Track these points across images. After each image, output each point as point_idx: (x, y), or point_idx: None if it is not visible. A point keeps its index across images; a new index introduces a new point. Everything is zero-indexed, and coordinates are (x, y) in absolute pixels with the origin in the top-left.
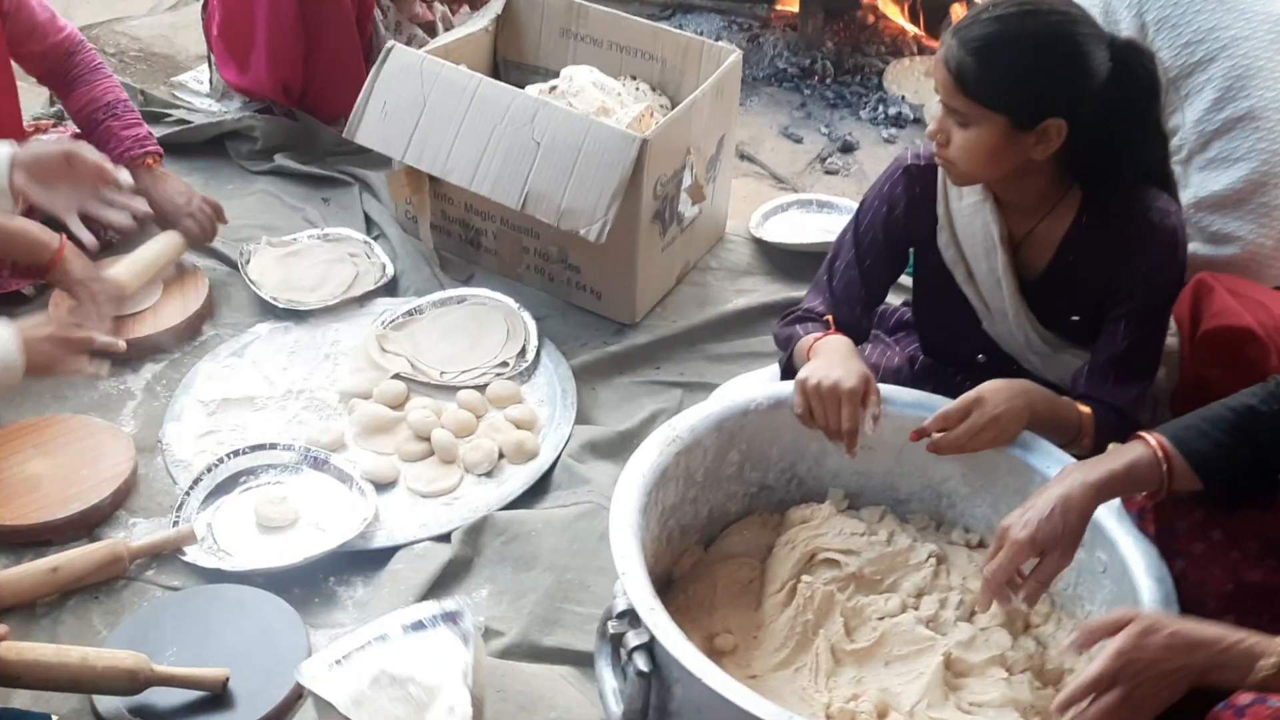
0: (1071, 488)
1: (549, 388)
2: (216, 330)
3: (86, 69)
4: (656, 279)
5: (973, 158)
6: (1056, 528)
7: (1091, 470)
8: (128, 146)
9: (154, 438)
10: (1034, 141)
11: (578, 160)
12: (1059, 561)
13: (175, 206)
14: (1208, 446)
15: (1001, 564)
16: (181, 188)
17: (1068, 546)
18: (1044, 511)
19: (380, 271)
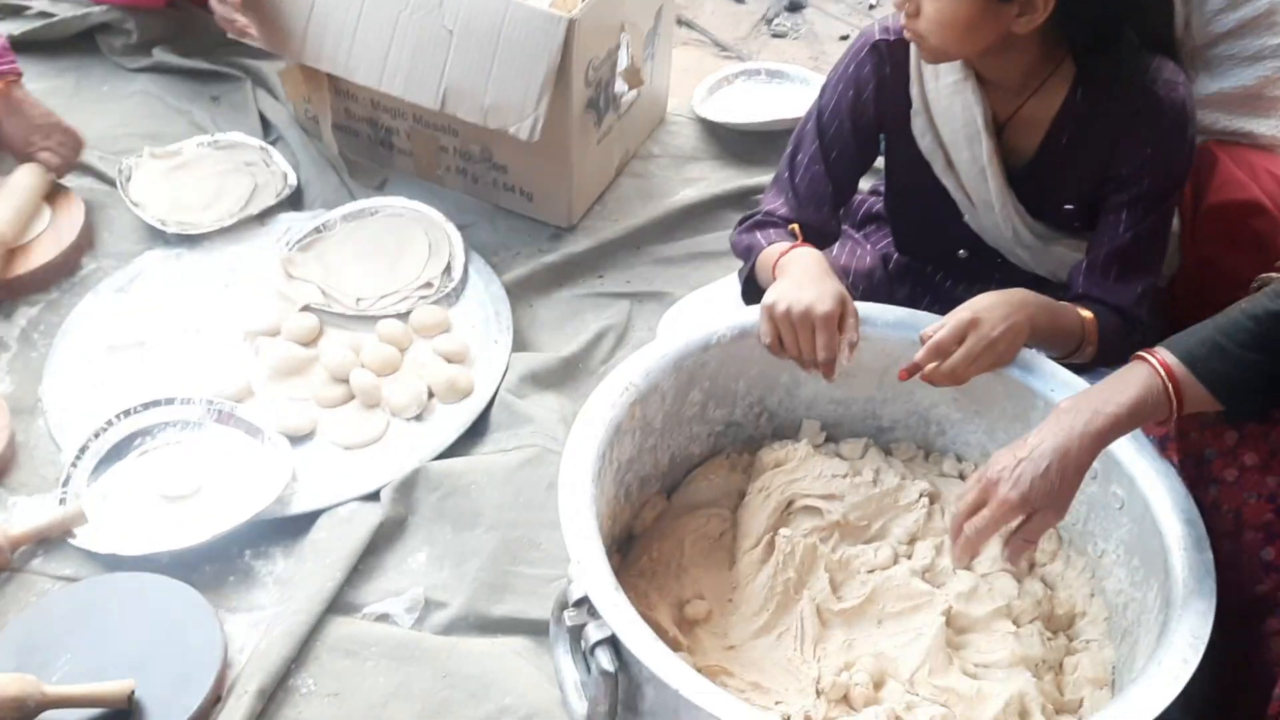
0: (1069, 439)
1: (480, 310)
2: (97, 262)
3: None
4: (593, 174)
5: (946, 31)
6: (1051, 485)
7: (1092, 415)
8: None
9: (33, 396)
10: (1016, 12)
11: (498, 48)
12: (1050, 519)
13: (29, 142)
14: (1227, 366)
15: (984, 524)
16: (38, 115)
17: (1062, 505)
18: (1038, 468)
19: (281, 182)
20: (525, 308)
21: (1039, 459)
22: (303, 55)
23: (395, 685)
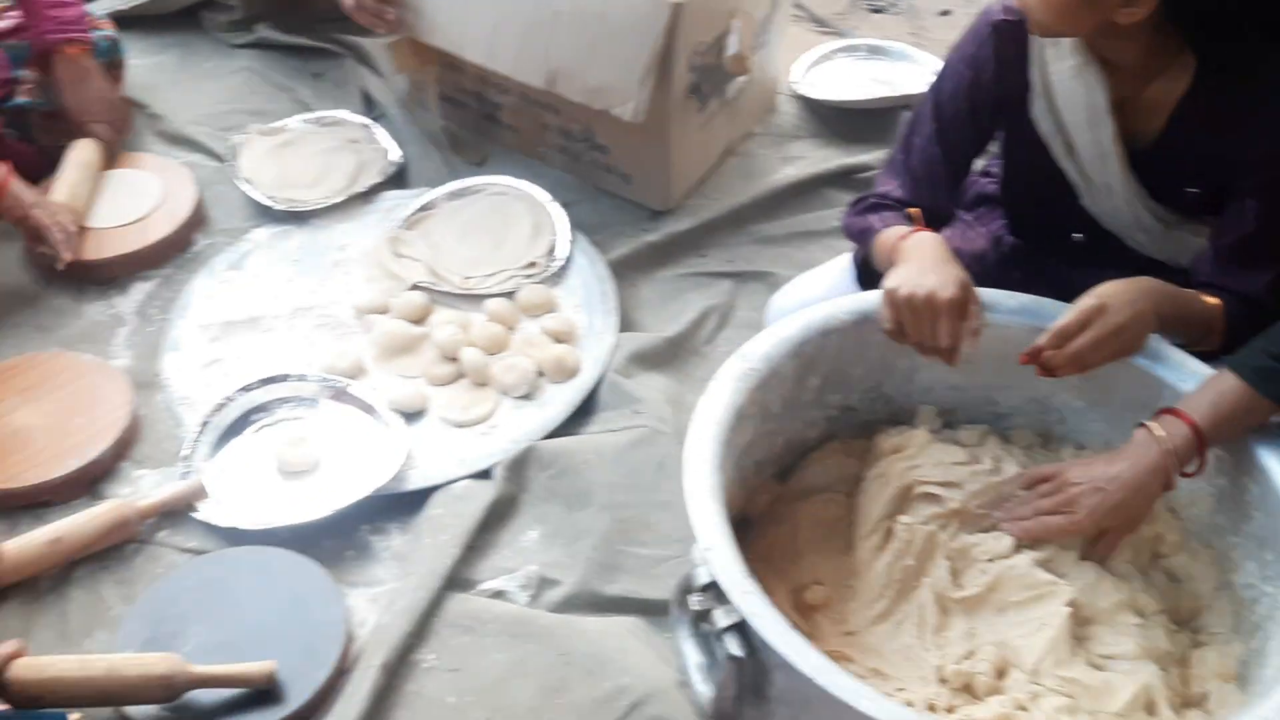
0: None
1: (585, 290)
2: (209, 239)
3: None
4: (694, 159)
5: (1049, 9)
6: (1124, 514)
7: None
8: (49, 28)
9: (152, 371)
10: (1120, 2)
11: (603, 31)
12: (1123, 535)
13: (86, 110)
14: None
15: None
16: (100, 88)
17: (1134, 526)
18: (1114, 500)
19: (385, 159)
20: (629, 287)
21: (1115, 491)
22: (416, 30)
23: (513, 662)
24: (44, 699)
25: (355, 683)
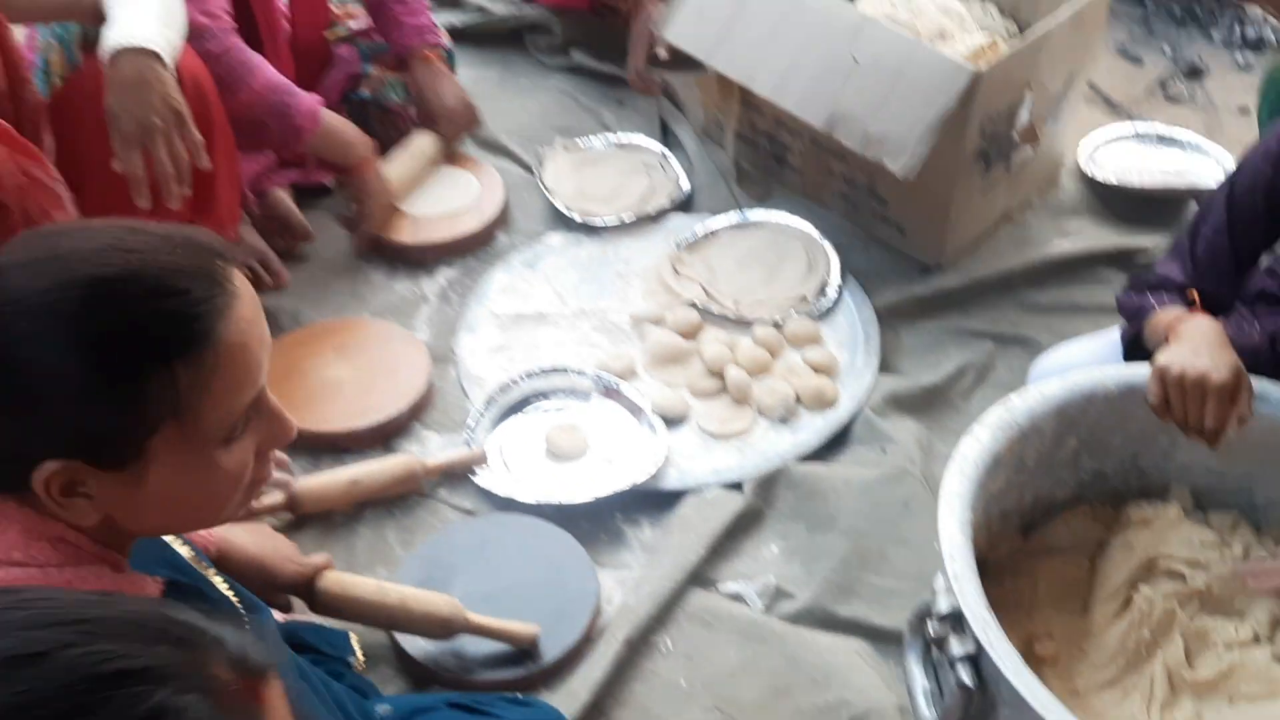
0: None
1: (850, 330)
2: (510, 238)
3: None
4: (971, 220)
5: None
6: None
7: None
8: (407, 34)
9: (447, 347)
10: None
11: (897, 85)
12: None
13: (440, 107)
14: None
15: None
16: (454, 88)
17: None
18: None
19: (675, 186)
20: (891, 333)
21: None
22: (715, 60)
23: (744, 660)
24: (342, 613)
25: (600, 651)
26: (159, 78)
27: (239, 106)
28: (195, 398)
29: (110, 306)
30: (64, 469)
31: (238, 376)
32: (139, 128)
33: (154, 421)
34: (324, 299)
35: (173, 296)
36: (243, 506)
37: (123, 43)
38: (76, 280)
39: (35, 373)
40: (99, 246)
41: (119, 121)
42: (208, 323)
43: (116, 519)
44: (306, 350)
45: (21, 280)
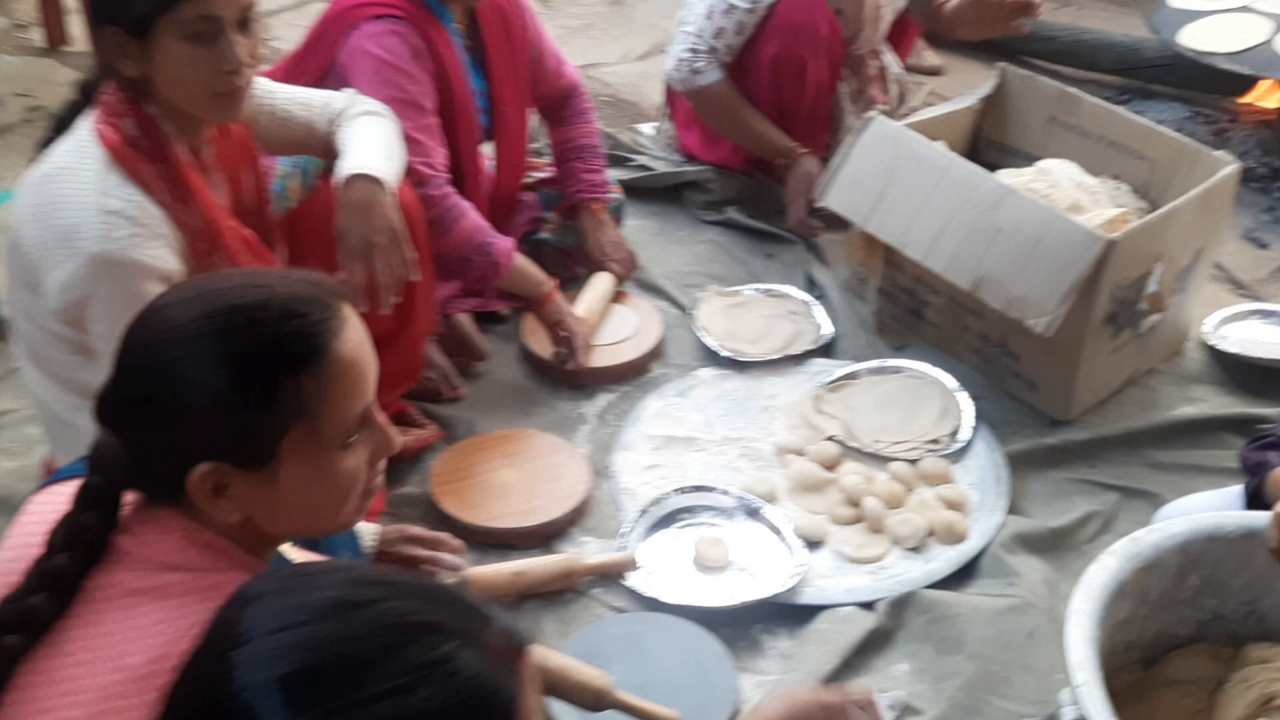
0: None
1: (980, 472)
2: (664, 369)
3: (574, 112)
4: (1099, 380)
5: None
6: None
7: None
8: (582, 188)
9: (604, 462)
10: None
11: (1036, 252)
12: None
13: (604, 252)
14: None
15: None
16: (615, 236)
17: None
18: None
19: (817, 332)
20: (1020, 479)
21: None
22: (869, 223)
23: None
24: None
25: None
26: (382, 201)
27: (448, 245)
28: (318, 403)
29: (248, 328)
30: (213, 470)
31: (351, 386)
32: (363, 243)
33: (285, 424)
34: (495, 412)
35: (296, 318)
36: (359, 513)
37: (354, 170)
38: (219, 309)
39: (189, 387)
40: (236, 284)
41: (347, 238)
42: (325, 340)
43: (255, 519)
44: (480, 455)
45: (175, 313)
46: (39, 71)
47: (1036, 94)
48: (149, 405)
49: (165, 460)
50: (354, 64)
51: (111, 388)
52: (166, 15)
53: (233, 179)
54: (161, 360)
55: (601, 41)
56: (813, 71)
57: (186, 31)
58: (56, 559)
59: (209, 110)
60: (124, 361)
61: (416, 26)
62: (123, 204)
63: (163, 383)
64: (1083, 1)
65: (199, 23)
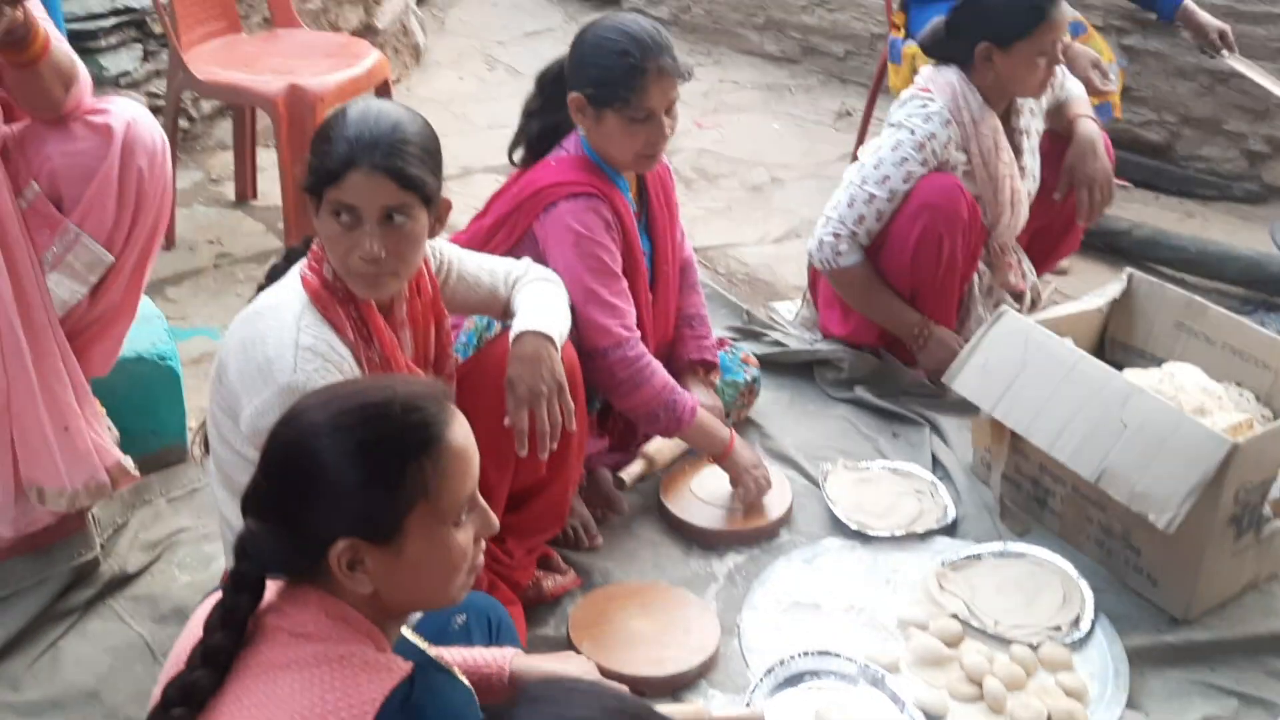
0: None
1: (1100, 662)
2: (792, 536)
3: (688, 284)
4: (1220, 581)
5: None
6: None
7: None
8: (690, 352)
9: (732, 621)
10: None
11: (1161, 450)
12: None
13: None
14: None
15: None
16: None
17: None
18: None
19: (942, 512)
20: (1138, 675)
21: None
22: (996, 410)
23: None
24: None
25: None
26: (551, 356)
27: (639, 400)
28: (436, 484)
29: (378, 420)
30: (350, 546)
31: (463, 469)
32: (530, 392)
33: (410, 502)
34: (630, 563)
35: (417, 411)
36: (465, 589)
37: (527, 327)
38: (353, 406)
39: (330, 472)
40: (364, 387)
41: (516, 386)
42: (440, 429)
43: (381, 592)
44: (614, 604)
45: (314, 414)
46: (229, 222)
47: (1164, 300)
48: (295, 492)
49: (307, 541)
50: (554, 237)
51: (259, 481)
52: (322, 192)
53: (420, 332)
54: (305, 451)
55: (740, 224)
56: (949, 250)
57: (332, 210)
58: (214, 639)
59: (352, 283)
60: (270, 457)
61: (606, 200)
62: (314, 340)
63: (306, 471)
64: (1207, 214)
65: (338, 205)
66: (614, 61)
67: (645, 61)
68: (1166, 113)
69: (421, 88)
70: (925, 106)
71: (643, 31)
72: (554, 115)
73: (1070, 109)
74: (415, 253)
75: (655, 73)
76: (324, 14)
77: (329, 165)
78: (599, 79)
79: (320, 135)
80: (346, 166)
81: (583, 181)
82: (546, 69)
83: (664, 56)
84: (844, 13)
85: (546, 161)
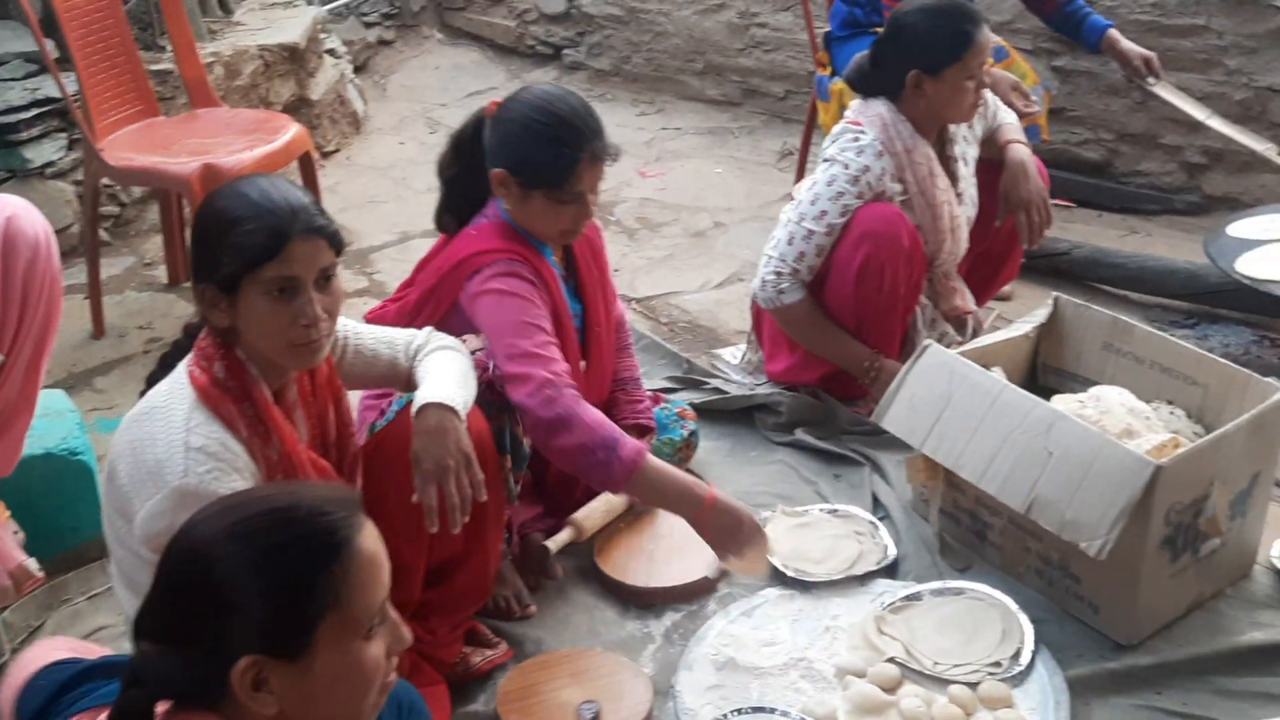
0: None
1: (1041, 696)
2: (731, 588)
3: (620, 346)
4: (1161, 603)
5: None
6: None
7: None
8: (626, 417)
9: (667, 682)
10: None
11: (1087, 476)
12: None
13: None
14: None
15: None
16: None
17: None
18: None
19: (882, 552)
20: (1082, 704)
21: None
22: (925, 445)
23: None
24: None
25: None
26: (455, 427)
27: (574, 439)
28: (348, 592)
29: (283, 526)
30: (254, 664)
31: (375, 576)
32: (436, 466)
33: (320, 612)
34: (564, 630)
35: (324, 516)
36: (376, 709)
37: (429, 399)
38: (255, 513)
39: (232, 585)
40: (267, 493)
41: (421, 461)
42: (350, 533)
43: (287, 715)
44: (544, 674)
45: (213, 523)
46: (160, 306)
47: (1090, 322)
48: (193, 609)
49: (207, 661)
50: (478, 303)
51: (153, 600)
52: (250, 275)
53: (317, 415)
54: (204, 564)
55: (682, 271)
56: (891, 278)
57: (268, 289)
58: None
59: (288, 359)
60: (166, 572)
61: (529, 263)
62: (205, 440)
63: (206, 585)
64: (1150, 229)
65: (279, 282)
66: (545, 147)
67: (579, 150)
68: (1103, 131)
69: (362, 155)
70: (857, 140)
71: (574, 114)
72: (474, 180)
73: (1002, 135)
74: (340, 311)
75: (588, 159)
76: (254, 90)
77: (257, 244)
78: (528, 160)
79: (217, 225)
80: (282, 239)
81: (504, 248)
82: (461, 129)
83: (596, 142)
84: (780, 53)
85: (467, 231)
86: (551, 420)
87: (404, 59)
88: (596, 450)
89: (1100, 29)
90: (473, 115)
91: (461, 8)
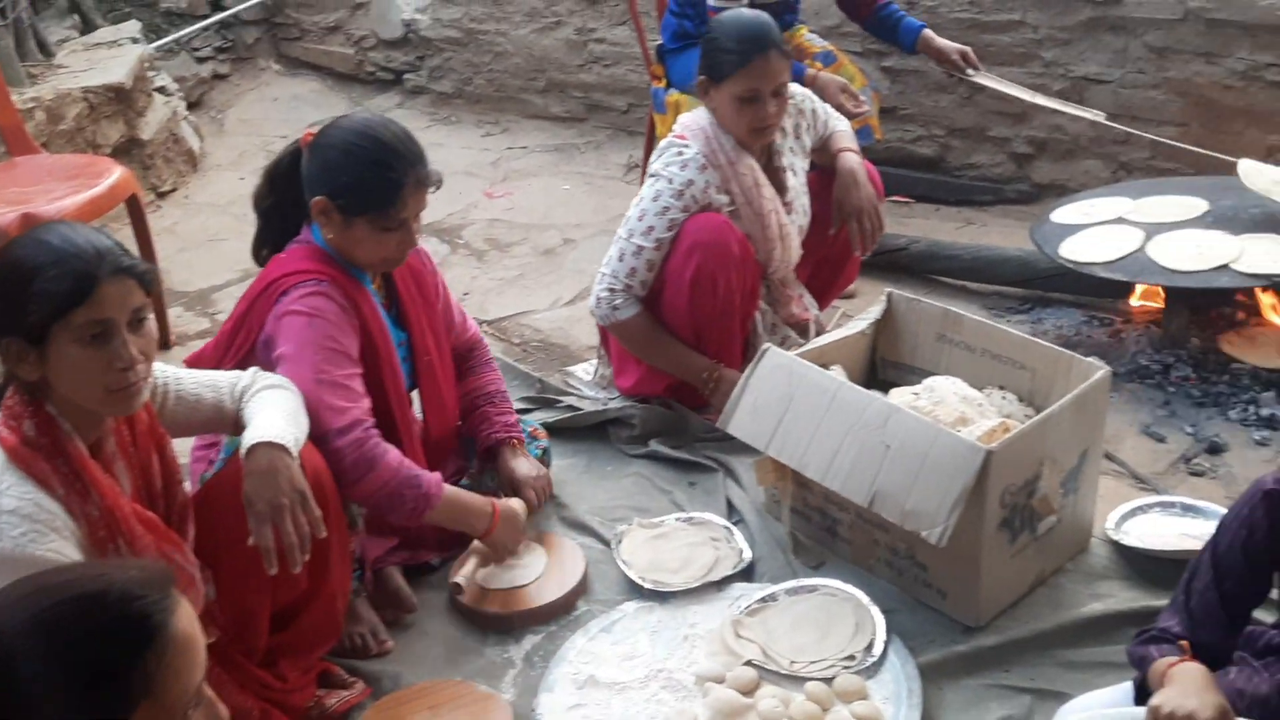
0: None
1: (895, 685)
2: (589, 606)
3: (479, 362)
4: (1005, 584)
5: None
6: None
7: None
8: (496, 430)
9: (529, 707)
10: None
11: (923, 466)
12: None
13: (523, 479)
14: None
15: None
16: (529, 467)
17: None
18: None
19: (738, 556)
20: (935, 689)
21: None
22: (770, 448)
23: None
24: None
25: None
26: (286, 465)
27: (375, 483)
28: (162, 680)
29: (92, 611)
30: None
31: (190, 660)
32: (270, 507)
33: (133, 703)
34: (423, 663)
35: (137, 600)
36: None
37: (257, 439)
38: (60, 600)
39: (36, 681)
40: (75, 576)
41: (254, 503)
42: (164, 617)
43: None
44: (404, 710)
45: (16, 612)
46: None
47: (923, 315)
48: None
49: None
50: (282, 326)
51: None
52: (60, 322)
53: (140, 465)
54: (4, 658)
55: (533, 290)
56: (725, 287)
57: (80, 335)
58: None
59: (105, 406)
60: None
61: (340, 288)
62: (18, 502)
63: (9, 681)
64: (986, 220)
65: (92, 326)
66: (368, 172)
67: (404, 175)
68: (934, 126)
69: (200, 194)
70: (681, 154)
71: (396, 140)
72: (292, 211)
73: (834, 144)
74: (154, 353)
75: (413, 185)
76: (79, 133)
77: (64, 289)
78: (351, 188)
79: (17, 274)
80: (91, 282)
81: (314, 270)
82: (277, 160)
83: (420, 167)
84: (620, 67)
85: (278, 256)
86: (357, 461)
87: (241, 92)
88: (403, 491)
89: (914, 30)
90: (288, 146)
91: (298, 38)
